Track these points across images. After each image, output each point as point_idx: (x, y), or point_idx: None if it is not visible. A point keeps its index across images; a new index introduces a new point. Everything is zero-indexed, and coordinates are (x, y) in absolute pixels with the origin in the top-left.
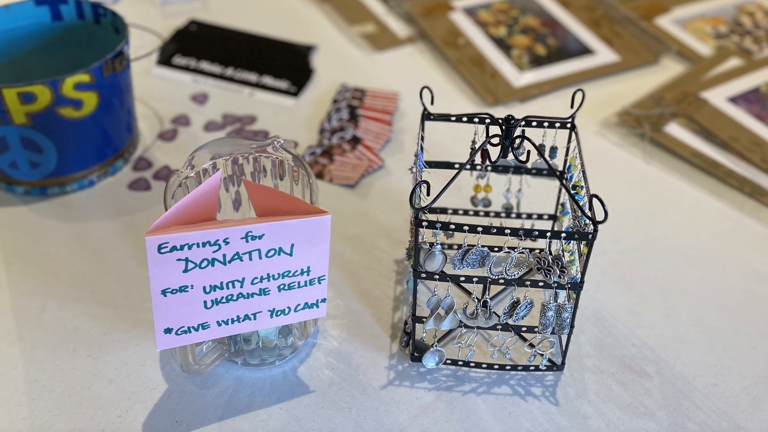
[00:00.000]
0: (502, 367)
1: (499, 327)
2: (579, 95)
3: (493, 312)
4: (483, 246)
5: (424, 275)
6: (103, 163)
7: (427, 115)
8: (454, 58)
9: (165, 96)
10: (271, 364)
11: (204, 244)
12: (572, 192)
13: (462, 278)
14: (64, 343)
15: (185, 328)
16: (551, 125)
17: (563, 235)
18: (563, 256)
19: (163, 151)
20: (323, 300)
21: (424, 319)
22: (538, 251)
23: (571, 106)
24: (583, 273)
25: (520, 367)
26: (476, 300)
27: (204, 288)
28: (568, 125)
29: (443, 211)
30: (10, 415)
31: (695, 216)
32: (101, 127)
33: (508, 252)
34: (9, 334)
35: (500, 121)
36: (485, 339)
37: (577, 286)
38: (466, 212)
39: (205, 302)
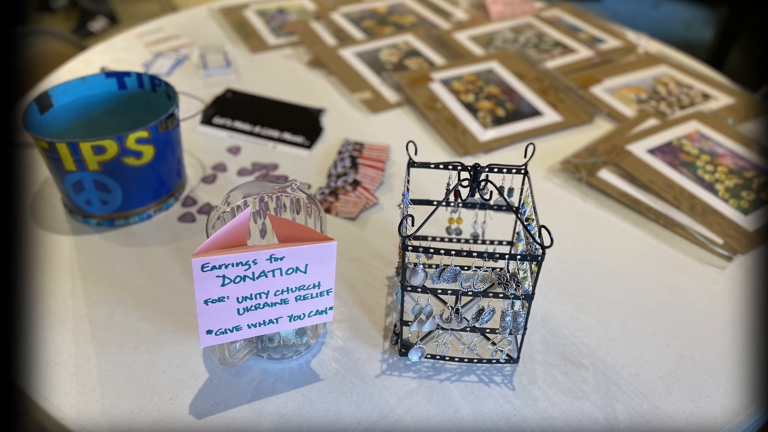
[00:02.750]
0: (470, 361)
1: (468, 329)
2: (530, 148)
3: (464, 317)
4: (456, 265)
5: (409, 288)
6: (159, 200)
7: (412, 163)
8: (432, 118)
9: (207, 148)
10: (290, 358)
11: (237, 264)
12: (525, 223)
13: (439, 291)
14: (127, 341)
15: (222, 329)
16: (509, 171)
17: (518, 257)
18: (518, 273)
19: (205, 191)
20: (331, 308)
21: (409, 323)
22: (498, 269)
23: (525, 156)
24: (533, 286)
25: (484, 361)
26: (450, 308)
27: (237, 298)
28: (522, 171)
29: (425, 238)
30: (85, 398)
31: (621, 242)
32: (157, 172)
33: (476, 270)
34: (84, 335)
35: (469, 168)
36: (457, 338)
37: (529, 297)
38: (442, 239)
39: (238, 310)
